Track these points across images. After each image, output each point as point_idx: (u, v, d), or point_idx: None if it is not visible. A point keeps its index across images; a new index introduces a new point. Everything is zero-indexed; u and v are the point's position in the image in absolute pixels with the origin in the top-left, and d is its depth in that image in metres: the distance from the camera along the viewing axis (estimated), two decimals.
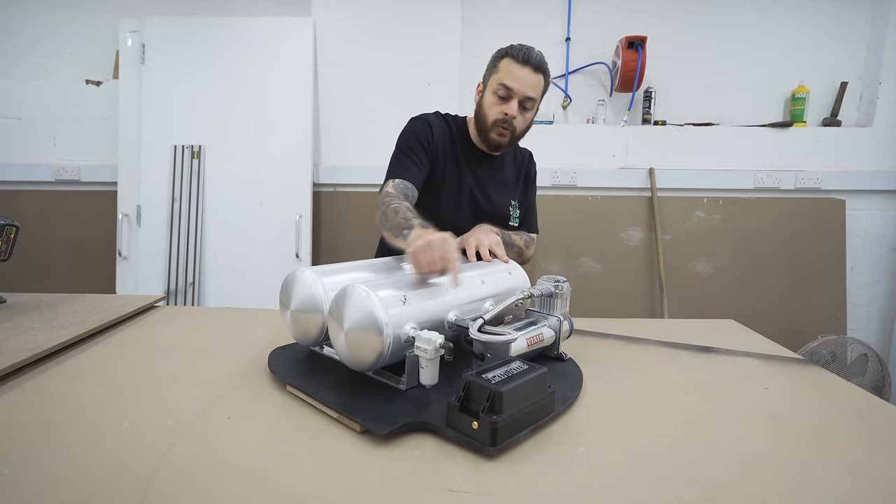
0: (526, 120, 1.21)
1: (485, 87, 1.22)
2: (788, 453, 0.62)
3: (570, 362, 0.87)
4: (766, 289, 2.48)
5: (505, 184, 1.33)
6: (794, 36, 2.53)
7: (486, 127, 1.21)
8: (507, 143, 1.23)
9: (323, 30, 2.38)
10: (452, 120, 1.31)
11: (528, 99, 1.16)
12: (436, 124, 1.26)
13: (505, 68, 1.16)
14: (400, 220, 0.97)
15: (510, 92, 1.15)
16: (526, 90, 1.15)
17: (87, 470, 0.55)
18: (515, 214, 1.34)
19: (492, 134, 1.21)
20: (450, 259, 0.80)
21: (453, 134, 1.28)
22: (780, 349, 1.02)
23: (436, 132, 1.24)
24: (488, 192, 1.29)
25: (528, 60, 1.14)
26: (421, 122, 1.26)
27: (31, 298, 1.17)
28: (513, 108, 1.16)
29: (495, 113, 1.18)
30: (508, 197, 1.33)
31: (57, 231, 2.47)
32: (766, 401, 0.78)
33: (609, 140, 2.48)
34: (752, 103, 2.56)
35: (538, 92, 1.18)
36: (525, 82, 1.15)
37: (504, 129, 1.19)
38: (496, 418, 0.58)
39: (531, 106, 1.19)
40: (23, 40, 2.56)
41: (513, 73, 1.14)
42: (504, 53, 1.18)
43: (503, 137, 1.21)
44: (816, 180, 2.46)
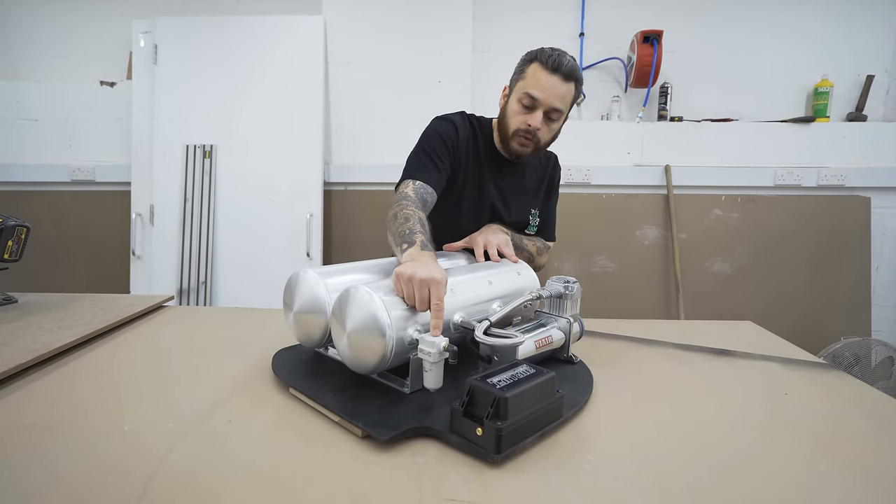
0: (552, 131, 1.13)
1: (510, 93, 1.14)
2: (809, 465, 0.59)
3: (580, 365, 0.85)
4: (786, 289, 2.42)
5: (526, 191, 1.27)
6: (818, 28, 2.45)
7: (508, 136, 1.14)
8: (530, 153, 1.16)
9: (333, 28, 2.37)
10: (477, 123, 1.24)
11: (555, 110, 1.08)
12: (461, 126, 1.19)
13: (532, 75, 1.08)
14: (405, 229, 0.90)
15: (535, 102, 1.07)
16: (553, 101, 1.07)
17: (87, 472, 0.54)
18: (535, 223, 1.29)
19: (513, 143, 1.14)
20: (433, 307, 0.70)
21: (478, 138, 1.22)
22: (801, 352, 0.98)
23: (461, 135, 1.18)
24: (509, 202, 1.24)
25: (558, 68, 1.05)
26: (447, 122, 1.19)
27: (42, 298, 1.18)
28: (537, 120, 1.08)
29: (518, 122, 1.11)
30: (529, 205, 1.27)
31: (72, 231, 2.51)
32: (786, 408, 0.74)
33: (624, 137, 2.44)
34: (773, 98, 2.49)
35: (566, 103, 1.09)
36: (552, 92, 1.06)
37: (527, 139, 1.12)
38: (501, 425, 0.56)
39: (558, 117, 1.10)
40: (39, 42, 2.61)
41: (540, 81, 1.06)
42: (533, 57, 1.09)
43: (525, 148, 1.14)
44: (840, 177, 2.39)
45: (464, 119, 1.22)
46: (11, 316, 1.02)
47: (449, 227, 1.18)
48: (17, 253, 1.10)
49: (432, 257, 0.80)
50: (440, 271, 0.73)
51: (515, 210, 1.24)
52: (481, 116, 1.26)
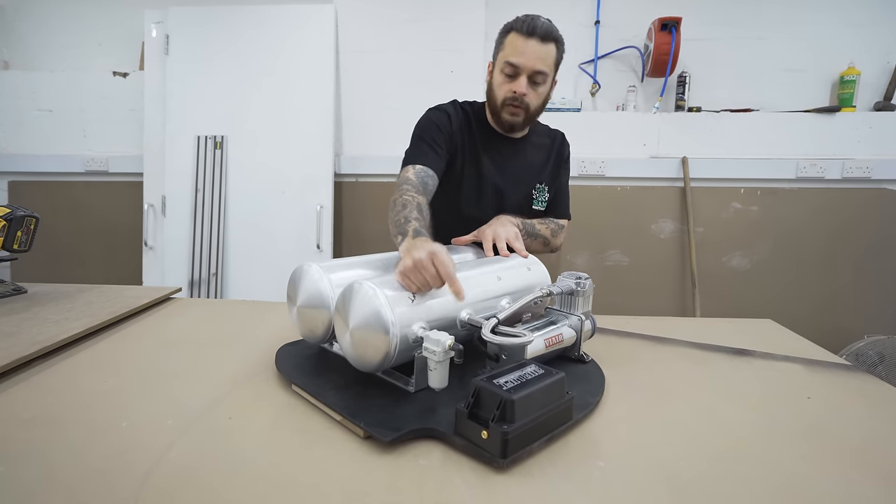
0: (540, 95, 1.14)
1: (494, 67, 1.16)
2: (835, 473, 0.56)
3: (591, 364, 0.82)
4: (808, 285, 2.35)
5: (530, 166, 1.26)
6: (844, 13, 2.35)
7: (497, 107, 1.16)
8: (522, 121, 1.17)
9: (344, 17, 2.35)
10: (470, 107, 1.26)
11: (538, 73, 1.09)
12: (454, 113, 1.21)
13: (511, 44, 1.09)
14: (400, 218, 0.90)
15: (517, 69, 1.09)
16: (534, 64, 1.08)
17: (84, 469, 0.53)
18: (542, 198, 1.27)
19: (504, 114, 1.15)
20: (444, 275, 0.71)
21: (470, 120, 1.23)
22: (824, 353, 0.94)
23: (454, 122, 1.20)
24: (512, 180, 1.23)
25: (534, 31, 1.06)
26: (439, 111, 1.21)
27: (52, 289, 1.19)
28: (521, 86, 1.09)
29: (504, 91, 1.12)
30: (534, 179, 1.26)
31: (86, 221, 2.53)
32: (809, 412, 0.71)
33: (640, 128, 2.37)
34: (796, 87, 2.41)
35: (549, 64, 1.10)
36: (532, 56, 1.07)
37: (515, 107, 1.13)
38: (507, 428, 0.54)
39: (543, 80, 1.11)
40: (53, 33, 2.62)
41: (518, 47, 1.07)
42: (509, 28, 1.11)
43: (516, 117, 1.15)
44: (866, 169, 2.30)
45: (455, 107, 1.24)
46: (20, 307, 1.03)
47: (452, 213, 1.19)
48: (26, 243, 1.11)
49: (425, 240, 0.79)
50: (435, 244, 0.74)
51: (517, 182, 1.24)
52: (473, 101, 1.28)
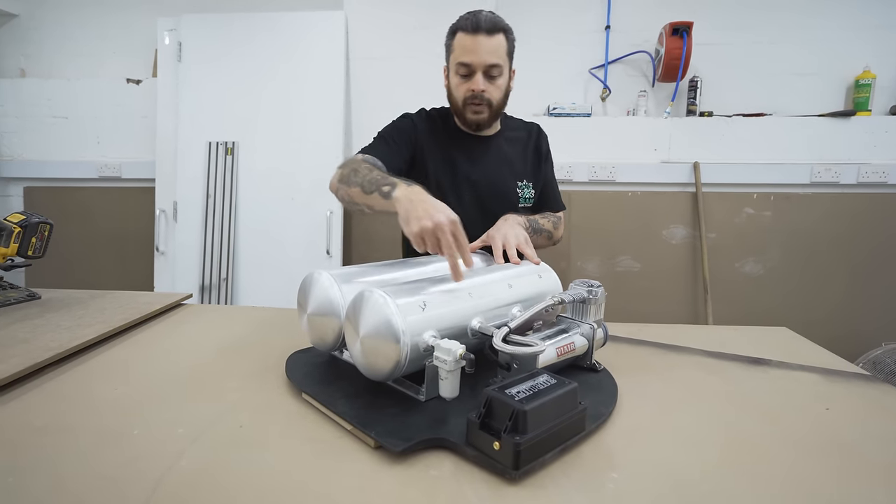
0: (499, 88, 1.14)
1: (449, 71, 1.17)
2: (859, 491, 0.54)
3: (603, 373, 0.81)
4: (823, 292, 2.32)
5: (506, 162, 1.26)
6: (859, 16, 2.33)
7: (460, 109, 1.16)
8: (488, 118, 1.17)
9: (355, 24, 2.36)
10: (437, 112, 1.27)
11: (493, 66, 1.09)
12: (417, 119, 1.24)
13: (459, 44, 1.10)
14: (375, 176, 0.88)
15: (470, 67, 1.09)
16: (486, 58, 1.08)
17: (94, 477, 0.53)
18: (527, 195, 1.26)
19: (467, 114, 1.16)
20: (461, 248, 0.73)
21: (436, 125, 1.24)
22: (842, 362, 0.92)
23: (418, 126, 1.22)
24: (490, 175, 1.22)
25: (479, 26, 1.07)
26: (404, 117, 1.25)
27: (65, 295, 1.20)
28: (478, 83, 1.10)
29: (462, 92, 1.13)
30: (514, 177, 1.25)
31: (99, 227, 2.57)
32: (828, 423, 0.69)
33: (651, 133, 2.36)
34: (810, 91, 2.38)
35: (501, 55, 1.10)
36: (482, 51, 1.07)
37: (477, 104, 1.13)
38: (519, 439, 0.53)
39: (498, 73, 1.11)
40: (69, 41, 2.67)
41: (467, 46, 1.08)
42: (455, 29, 1.12)
43: (479, 114, 1.15)
44: (882, 174, 2.27)
45: (420, 113, 1.26)
46: (33, 312, 1.04)
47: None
48: (40, 250, 1.12)
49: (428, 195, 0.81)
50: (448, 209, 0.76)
51: (499, 182, 1.24)
52: (442, 107, 1.29)
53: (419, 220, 0.74)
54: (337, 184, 1.02)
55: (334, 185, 1.04)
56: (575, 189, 2.39)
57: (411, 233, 0.74)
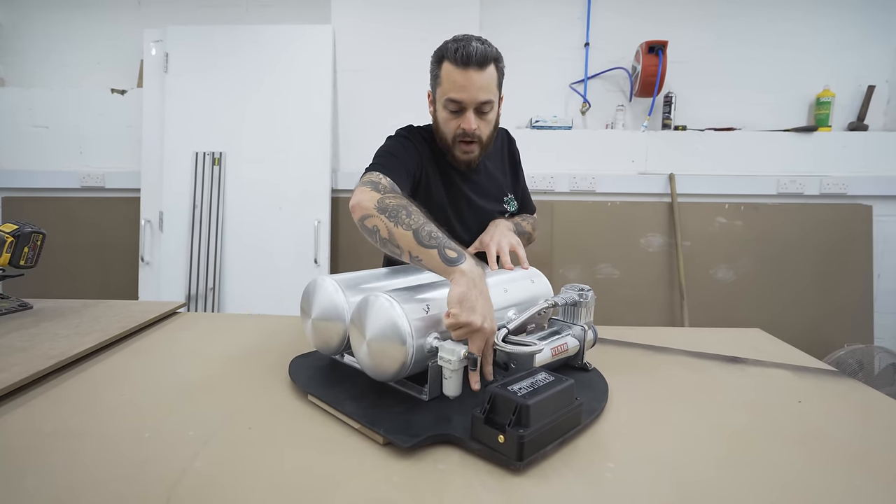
0: (489, 122, 1.06)
1: (434, 100, 1.07)
2: (834, 475, 0.59)
3: (594, 372, 0.85)
4: (790, 296, 2.43)
5: (494, 181, 1.21)
6: (819, 39, 2.48)
7: (448, 145, 1.08)
8: (478, 155, 1.09)
9: (342, 36, 2.40)
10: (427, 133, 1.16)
11: (484, 103, 1.01)
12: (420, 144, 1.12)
13: (447, 78, 1.00)
14: (435, 230, 0.79)
15: (460, 105, 1.00)
16: (477, 95, 0.99)
17: (110, 480, 0.55)
18: (512, 209, 1.24)
19: (456, 152, 1.07)
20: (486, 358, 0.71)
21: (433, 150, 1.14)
22: (812, 360, 0.99)
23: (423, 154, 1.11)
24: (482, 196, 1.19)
25: (469, 60, 0.96)
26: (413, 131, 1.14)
27: (57, 304, 1.19)
28: (469, 122, 1.01)
29: (452, 129, 1.04)
30: (502, 194, 1.23)
31: (82, 237, 2.52)
32: (802, 415, 0.75)
33: (628, 145, 2.45)
34: (775, 108, 2.52)
35: (492, 90, 1.01)
36: (473, 87, 0.98)
37: (467, 143, 1.05)
38: (523, 432, 0.56)
39: (490, 108, 1.03)
40: (52, 50, 2.64)
41: (457, 82, 0.98)
42: (441, 56, 1.01)
43: (469, 154, 1.07)
44: (842, 185, 2.41)
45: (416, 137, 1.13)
46: (28, 322, 1.03)
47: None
48: (32, 259, 1.11)
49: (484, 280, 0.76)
50: (492, 317, 0.71)
51: (493, 202, 1.20)
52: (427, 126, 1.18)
53: (472, 311, 0.69)
54: (374, 211, 0.84)
55: (368, 209, 0.85)
56: (557, 199, 2.46)
57: (456, 317, 0.68)
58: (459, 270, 0.74)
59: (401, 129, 1.15)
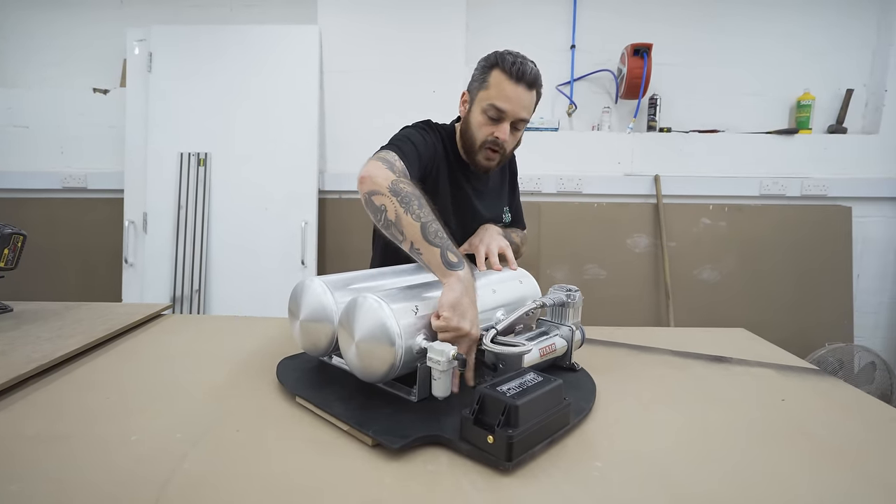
0: (515, 139, 1.11)
1: (472, 102, 1.09)
2: (816, 469, 0.60)
3: (582, 372, 0.86)
4: (772, 296, 2.47)
5: (496, 192, 1.26)
6: (800, 43, 2.53)
7: (473, 148, 1.10)
8: (496, 165, 1.13)
9: (329, 37, 2.39)
10: (444, 132, 1.18)
11: (521, 120, 1.05)
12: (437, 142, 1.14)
13: (497, 85, 1.02)
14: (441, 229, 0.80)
15: (502, 114, 1.03)
16: (519, 112, 1.03)
17: (98, 484, 0.54)
18: (507, 219, 1.29)
19: (479, 157, 1.10)
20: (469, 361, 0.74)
21: (446, 147, 1.16)
22: (794, 359, 1.01)
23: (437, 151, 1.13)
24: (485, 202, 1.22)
25: (523, 77, 1.00)
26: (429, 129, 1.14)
27: (38, 307, 1.17)
28: (504, 132, 1.05)
29: (484, 134, 1.06)
30: (501, 204, 1.28)
31: (63, 239, 2.48)
32: (785, 413, 0.76)
33: (614, 147, 2.48)
34: (758, 110, 2.56)
35: (531, 111, 1.06)
36: (518, 103, 1.02)
37: (493, 151, 1.08)
38: (512, 432, 0.57)
39: (522, 126, 1.08)
40: (32, 49, 2.59)
41: (505, 91, 1.01)
42: (494, 63, 1.03)
43: (491, 161, 1.10)
44: (822, 187, 2.45)
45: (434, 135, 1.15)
46: (7, 325, 1.01)
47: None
48: (13, 261, 1.09)
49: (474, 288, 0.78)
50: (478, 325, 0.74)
51: (494, 212, 1.23)
52: (444, 124, 1.21)
53: (463, 317, 0.71)
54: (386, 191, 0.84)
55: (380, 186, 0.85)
56: (544, 200, 2.47)
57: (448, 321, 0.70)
58: (456, 276, 0.75)
59: (419, 122, 1.15)
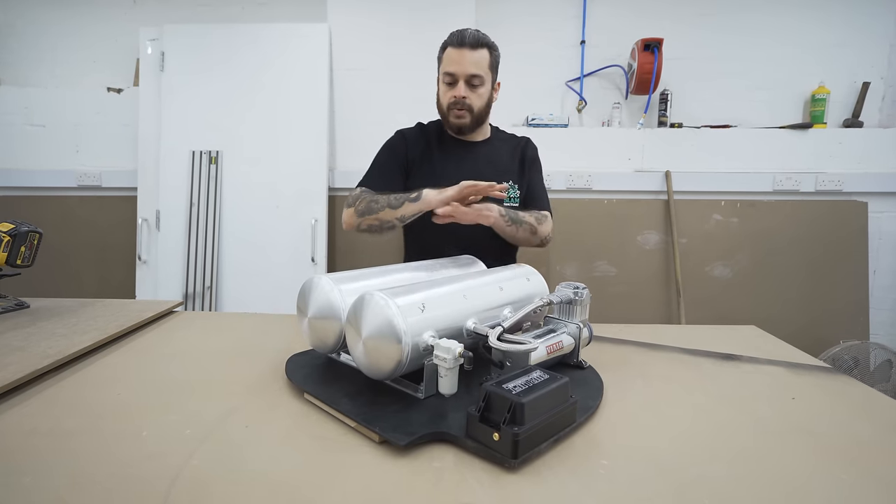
0: (481, 96, 1.26)
1: (437, 83, 1.30)
2: (823, 469, 0.60)
3: (589, 370, 0.86)
4: (786, 293, 2.44)
5: (493, 165, 1.36)
6: (814, 36, 2.48)
7: (444, 114, 1.29)
8: (469, 122, 1.28)
9: (338, 35, 2.40)
10: (433, 124, 1.39)
11: (474, 76, 1.22)
12: (409, 133, 1.36)
13: (447, 57, 1.24)
14: (398, 194, 1.12)
15: (454, 76, 1.23)
16: (468, 69, 1.21)
17: (109, 478, 0.55)
18: (511, 195, 1.36)
19: (450, 119, 1.28)
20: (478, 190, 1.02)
21: (429, 136, 1.36)
22: (806, 357, 1.00)
23: (409, 139, 1.34)
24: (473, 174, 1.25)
25: (463, 41, 1.20)
26: (396, 135, 1.37)
27: (54, 304, 1.19)
28: (460, 90, 1.23)
29: (447, 99, 1.26)
30: (498, 175, 1.34)
31: (79, 236, 2.52)
32: (795, 412, 0.75)
33: (625, 143, 2.46)
34: (771, 105, 2.52)
35: (483, 67, 1.22)
36: (465, 62, 1.20)
37: (459, 110, 1.26)
38: (518, 430, 0.57)
39: (480, 82, 1.23)
40: (48, 50, 2.63)
41: (452, 58, 1.22)
42: (445, 45, 1.25)
43: (461, 119, 1.27)
44: (838, 182, 2.41)
45: (414, 127, 1.39)
46: (24, 321, 1.03)
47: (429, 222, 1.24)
48: (29, 258, 1.11)
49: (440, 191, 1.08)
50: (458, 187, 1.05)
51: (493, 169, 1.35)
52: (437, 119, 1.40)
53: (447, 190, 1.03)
54: (357, 218, 1.20)
55: (353, 221, 1.22)
56: (554, 197, 2.43)
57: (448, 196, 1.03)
58: (424, 195, 1.10)
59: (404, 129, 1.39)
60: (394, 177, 1.30)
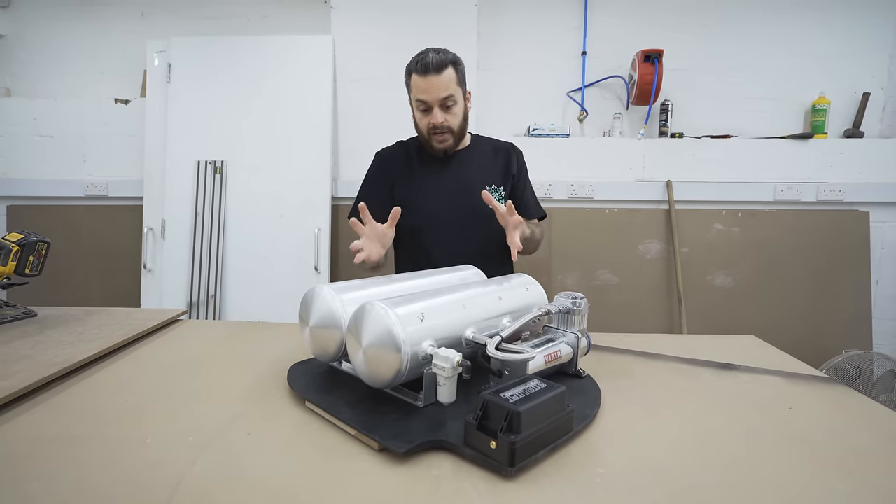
0: (456, 115, 1.28)
1: (412, 105, 1.32)
2: (819, 479, 0.60)
3: (587, 379, 0.86)
4: (788, 302, 2.44)
5: (473, 167, 1.38)
6: (815, 47, 2.50)
7: (426, 140, 1.32)
8: (453, 142, 1.31)
9: (342, 46, 2.43)
10: (412, 141, 1.43)
11: (447, 98, 1.24)
12: (388, 153, 1.42)
13: (415, 85, 1.25)
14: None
15: (427, 104, 1.25)
16: (439, 94, 1.23)
17: (113, 485, 0.56)
18: (497, 197, 1.37)
19: (433, 143, 1.31)
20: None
21: (410, 152, 1.40)
22: (804, 367, 1.00)
23: (388, 161, 1.40)
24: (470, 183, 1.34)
25: (427, 69, 1.21)
26: (376, 158, 1.43)
27: (61, 312, 1.21)
28: (437, 117, 1.25)
29: (425, 125, 1.29)
30: (482, 178, 1.37)
31: (85, 245, 2.55)
32: (792, 422, 0.76)
33: (626, 153, 2.47)
34: (771, 115, 2.54)
35: (452, 87, 1.24)
36: (434, 88, 1.22)
37: (440, 134, 1.29)
38: (514, 438, 0.58)
39: (453, 101, 1.25)
40: (57, 62, 2.68)
41: (420, 86, 1.23)
42: (409, 71, 1.27)
43: (444, 143, 1.30)
44: (839, 192, 2.42)
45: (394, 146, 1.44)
46: (32, 329, 1.05)
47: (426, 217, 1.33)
48: (37, 268, 1.13)
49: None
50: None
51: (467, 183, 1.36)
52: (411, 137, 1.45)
53: None
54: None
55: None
56: (555, 206, 2.48)
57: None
58: None
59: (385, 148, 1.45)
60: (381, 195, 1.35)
